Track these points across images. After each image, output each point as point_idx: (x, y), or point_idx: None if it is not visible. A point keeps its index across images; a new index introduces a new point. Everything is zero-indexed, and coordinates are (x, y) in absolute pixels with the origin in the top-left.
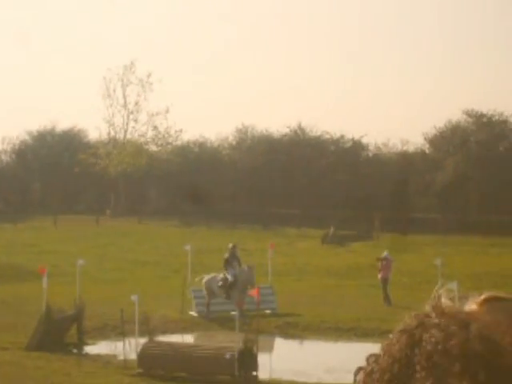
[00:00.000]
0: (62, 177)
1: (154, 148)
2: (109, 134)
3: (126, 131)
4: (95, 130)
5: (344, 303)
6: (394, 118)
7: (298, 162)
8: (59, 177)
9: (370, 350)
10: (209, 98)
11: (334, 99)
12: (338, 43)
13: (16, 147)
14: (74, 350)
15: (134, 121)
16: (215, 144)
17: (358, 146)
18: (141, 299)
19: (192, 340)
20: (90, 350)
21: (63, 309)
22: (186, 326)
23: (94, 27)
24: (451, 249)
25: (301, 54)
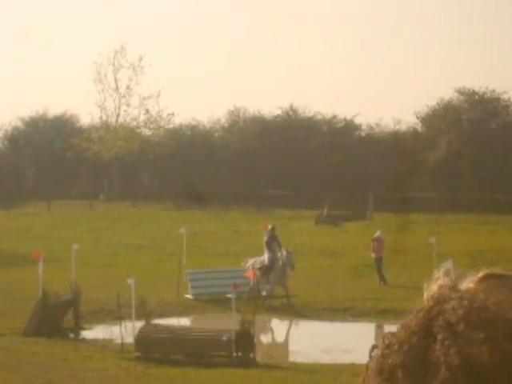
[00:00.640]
0: (55, 162)
1: (147, 132)
2: (101, 118)
3: (118, 115)
4: (87, 114)
5: (339, 283)
6: (386, 98)
7: (290, 142)
8: (52, 162)
9: (366, 329)
10: (200, 81)
11: (326, 79)
12: (330, 23)
13: (8, 133)
14: (71, 335)
15: (126, 105)
16: (207, 126)
17: (350, 126)
18: (137, 283)
19: (189, 322)
20: (86, 334)
21: (59, 294)
22: (183, 308)
23: (84, 12)
24: (445, 227)
25: (292, 35)
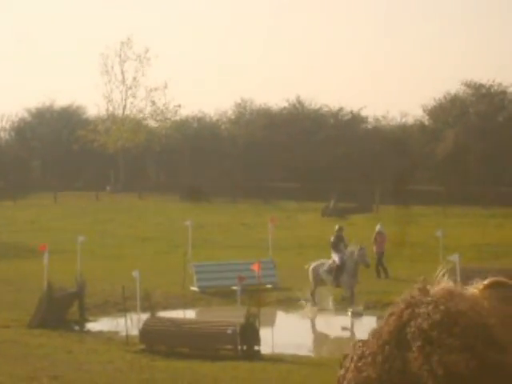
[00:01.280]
0: (62, 153)
1: (153, 123)
2: (107, 110)
3: (124, 107)
4: (94, 106)
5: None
6: (392, 91)
7: (297, 135)
8: (58, 154)
9: (372, 322)
10: (207, 73)
11: (333, 72)
12: (337, 16)
13: (15, 125)
14: (76, 327)
15: (133, 96)
16: (214, 119)
17: (357, 119)
18: (142, 275)
19: (194, 315)
20: (91, 326)
21: (64, 286)
22: (188, 301)
23: (91, 3)
24: (452, 220)
25: (299, 27)
